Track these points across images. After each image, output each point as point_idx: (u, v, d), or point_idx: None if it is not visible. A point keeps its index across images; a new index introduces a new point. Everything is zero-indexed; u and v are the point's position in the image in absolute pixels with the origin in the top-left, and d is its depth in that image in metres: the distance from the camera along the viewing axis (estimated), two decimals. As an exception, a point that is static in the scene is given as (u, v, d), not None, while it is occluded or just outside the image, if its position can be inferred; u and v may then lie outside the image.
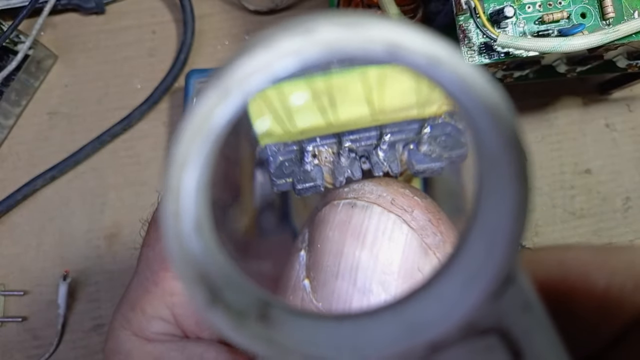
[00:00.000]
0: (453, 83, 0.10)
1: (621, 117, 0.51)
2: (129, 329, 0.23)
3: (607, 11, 0.36)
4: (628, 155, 0.51)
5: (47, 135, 0.50)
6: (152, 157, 0.50)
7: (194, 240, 0.11)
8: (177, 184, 0.10)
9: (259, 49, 0.09)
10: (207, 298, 0.11)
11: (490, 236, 0.11)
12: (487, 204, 0.11)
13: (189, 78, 0.49)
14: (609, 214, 0.49)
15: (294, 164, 0.24)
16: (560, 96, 0.51)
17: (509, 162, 0.10)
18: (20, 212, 0.49)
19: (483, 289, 0.11)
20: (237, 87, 0.10)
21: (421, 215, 0.22)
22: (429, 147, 0.25)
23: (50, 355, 0.45)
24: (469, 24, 0.37)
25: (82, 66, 0.52)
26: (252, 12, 0.52)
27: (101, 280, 0.47)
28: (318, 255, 0.21)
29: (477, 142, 0.11)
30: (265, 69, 0.10)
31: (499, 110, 0.10)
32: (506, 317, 0.12)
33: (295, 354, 0.11)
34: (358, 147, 0.25)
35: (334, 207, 0.22)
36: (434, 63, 0.10)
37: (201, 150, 0.10)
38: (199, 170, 0.10)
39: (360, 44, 0.09)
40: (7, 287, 0.47)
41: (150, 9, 0.53)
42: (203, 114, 0.10)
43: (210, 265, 0.11)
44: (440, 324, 0.11)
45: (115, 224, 0.49)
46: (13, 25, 0.46)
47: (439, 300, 0.12)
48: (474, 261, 0.11)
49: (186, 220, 0.11)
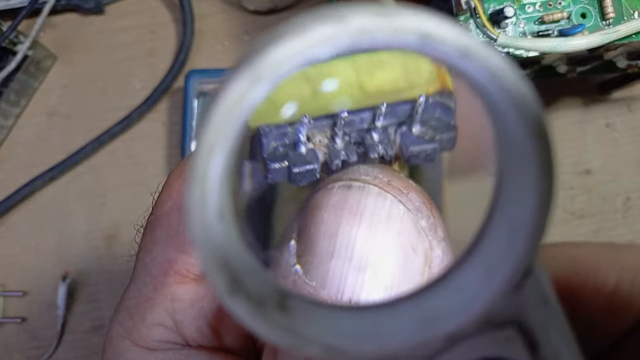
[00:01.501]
0: (482, 74, 0.10)
1: (621, 117, 0.51)
2: (129, 338, 0.22)
3: (607, 11, 0.36)
4: (628, 155, 0.50)
5: (47, 136, 0.50)
6: (152, 157, 0.50)
7: (216, 227, 0.11)
8: (204, 170, 0.10)
9: (292, 35, 0.09)
10: (229, 285, 0.11)
11: (512, 227, 0.11)
12: (509, 195, 0.11)
13: (189, 78, 0.49)
14: (609, 214, 0.49)
15: (287, 148, 0.24)
16: (560, 96, 0.51)
17: (534, 153, 0.11)
18: (20, 213, 0.49)
19: (503, 280, 0.11)
20: (269, 72, 0.10)
21: (416, 197, 0.21)
22: (421, 128, 0.25)
23: (49, 356, 0.45)
24: (469, 24, 0.37)
25: (82, 66, 0.52)
26: (252, 12, 0.52)
27: (101, 280, 0.47)
28: (311, 239, 0.21)
29: (502, 132, 0.11)
30: (298, 55, 0.10)
31: (526, 101, 0.10)
32: (524, 310, 0.12)
33: (314, 344, 0.11)
34: (351, 132, 0.24)
35: (329, 191, 0.21)
36: (464, 53, 0.10)
37: (229, 135, 0.10)
38: (226, 155, 0.10)
39: (393, 33, 0.10)
40: (6, 288, 0.47)
41: (150, 9, 0.53)
42: (233, 98, 0.10)
43: (232, 254, 0.11)
44: (459, 316, 0.12)
45: (114, 225, 0.48)
46: (12, 25, 0.45)
47: (458, 292, 0.12)
48: (495, 252, 0.11)
49: (210, 207, 0.11)
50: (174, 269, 0.22)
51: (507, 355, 0.12)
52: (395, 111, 0.24)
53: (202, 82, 0.49)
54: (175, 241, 0.22)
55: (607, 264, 0.15)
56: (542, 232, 0.11)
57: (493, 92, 0.10)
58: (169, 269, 0.22)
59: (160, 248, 0.22)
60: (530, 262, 0.11)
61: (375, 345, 0.11)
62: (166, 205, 0.22)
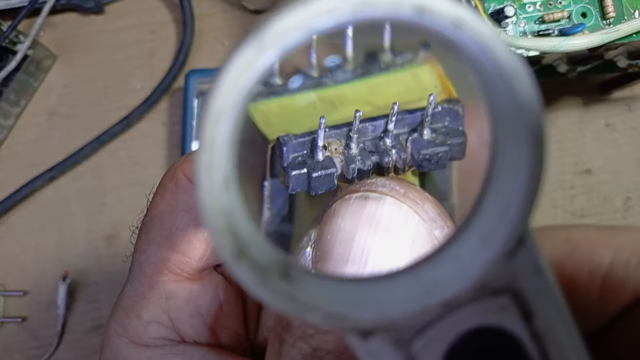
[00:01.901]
0: (474, 44, 0.11)
1: (621, 117, 0.51)
2: (125, 336, 0.22)
3: (607, 11, 0.36)
4: (628, 155, 0.50)
5: (47, 136, 0.50)
6: (152, 157, 0.50)
7: (222, 194, 0.11)
8: (212, 136, 0.11)
9: (296, 7, 0.10)
10: (234, 251, 0.11)
11: (505, 197, 0.12)
12: (503, 166, 0.12)
13: (189, 78, 0.49)
14: (609, 214, 0.49)
15: (306, 157, 0.25)
16: (560, 96, 0.51)
17: (525, 122, 0.11)
18: (20, 213, 0.49)
19: (497, 248, 0.12)
20: (274, 42, 0.10)
21: (431, 209, 0.22)
22: (432, 134, 0.25)
23: (50, 356, 0.45)
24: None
25: (82, 66, 0.52)
26: (252, 12, 0.52)
27: (101, 280, 0.47)
28: (327, 246, 0.21)
29: (494, 104, 0.11)
30: (302, 26, 0.10)
31: (516, 71, 0.11)
32: (518, 279, 0.12)
33: (316, 311, 0.11)
34: (365, 140, 0.25)
35: (346, 201, 0.22)
36: (458, 24, 0.10)
37: (236, 103, 0.11)
38: (232, 123, 0.11)
39: (390, 5, 0.10)
40: (6, 288, 0.47)
41: (150, 9, 0.53)
42: (240, 67, 0.10)
43: (237, 221, 0.11)
44: (455, 284, 0.12)
45: (114, 225, 0.48)
46: (12, 25, 0.45)
47: (454, 261, 0.12)
48: (489, 222, 0.12)
49: (217, 174, 0.11)
50: (168, 268, 0.22)
51: (502, 323, 0.12)
52: (406, 120, 0.25)
53: (202, 82, 0.49)
54: (168, 241, 0.22)
55: (602, 245, 0.15)
56: (534, 201, 0.11)
57: (484, 62, 0.11)
58: (163, 268, 0.22)
59: (154, 248, 0.22)
60: (524, 231, 0.12)
61: (375, 313, 0.12)
62: (160, 206, 0.23)
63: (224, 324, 0.23)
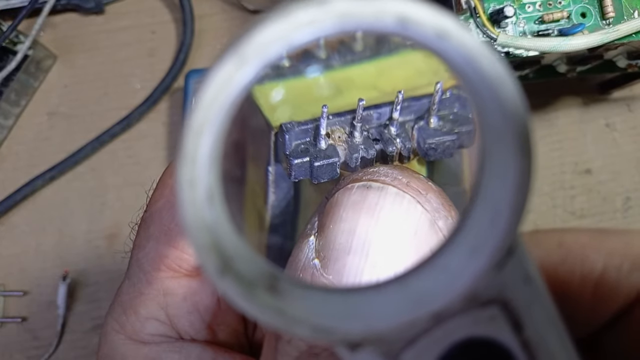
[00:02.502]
0: (460, 55, 0.10)
1: (621, 117, 0.51)
2: (123, 332, 0.22)
3: (607, 11, 0.36)
4: (628, 155, 0.50)
5: (47, 136, 0.50)
6: (152, 157, 0.50)
7: (206, 209, 0.11)
8: (193, 151, 0.10)
9: (276, 19, 0.10)
10: (219, 266, 0.11)
11: (494, 207, 0.11)
12: (491, 175, 0.12)
13: (189, 78, 0.49)
14: (609, 214, 0.49)
15: (308, 145, 0.24)
16: (560, 96, 0.51)
17: (512, 133, 0.11)
18: (20, 213, 0.49)
19: (486, 259, 0.11)
20: (254, 55, 0.10)
21: (435, 198, 0.22)
22: (439, 122, 0.25)
23: (50, 356, 0.45)
24: (469, 23, 0.37)
25: (82, 66, 0.52)
26: (252, 12, 0.52)
27: (101, 280, 0.47)
28: (330, 236, 0.21)
29: (481, 114, 0.11)
30: (282, 38, 0.10)
31: (503, 81, 0.11)
32: (507, 289, 0.12)
33: (304, 325, 0.11)
34: (370, 128, 0.25)
35: (348, 190, 0.22)
36: (442, 35, 0.10)
37: (217, 117, 0.10)
38: (214, 137, 0.11)
39: (372, 16, 0.10)
40: (6, 288, 0.47)
41: (150, 9, 0.53)
42: (220, 81, 0.10)
43: (221, 235, 0.11)
44: (444, 295, 0.12)
45: (114, 224, 0.48)
46: (12, 25, 0.46)
47: (443, 272, 0.12)
48: (478, 232, 0.12)
49: (200, 188, 0.11)
50: (166, 264, 0.22)
51: (491, 334, 0.12)
52: (412, 107, 0.25)
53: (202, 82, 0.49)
54: (167, 237, 0.22)
55: (594, 250, 0.15)
56: (523, 211, 0.11)
57: (469, 72, 0.11)
58: (161, 264, 0.22)
59: (152, 244, 0.22)
60: (513, 241, 0.12)
61: (362, 326, 0.12)
62: (159, 203, 0.23)
63: (222, 320, 0.23)
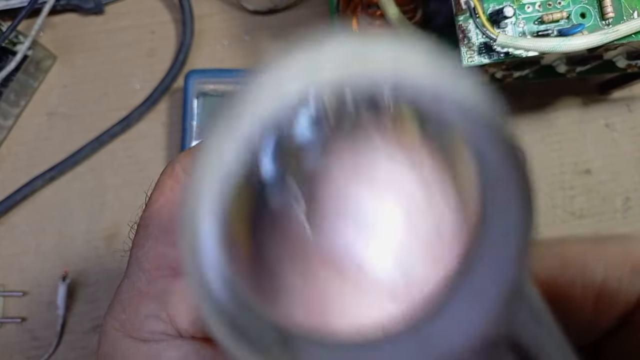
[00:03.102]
0: (456, 115, 0.10)
1: (621, 117, 0.51)
2: (122, 330, 0.22)
3: (606, 11, 0.36)
4: (628, 155, 0.50)
5: (46, 136, 0.50)
6: (151, 157, 0.50)
7: (219, 292, 0.11)
8: (193, 245, 0.10)
9: (260, 99, 0.09)
10: (232, 335, 0.11)
11: (498, 252, 0.11)
12: (494, 227, 0.12)
13: (188, 78, 0.49)
14: (609, 214, 0.49)
15: None
16: (560, 96, 0.51)
17: (512, 183, 0.11)
18: (20, 213, 0.49)
19: (494, 304, 0.11)
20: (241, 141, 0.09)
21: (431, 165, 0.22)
22: None
23: (49, 356, 0.45)
24: (468, 24, 0.37)
25: (81, 67, 0.52)
26: (252, 12, 0.52)
27: (101, 280, 0.47)
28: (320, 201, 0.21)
29: (481, 166, 0.11)
30: (267, 120, 0.09)
31: (502, 138, 0.10)
32: (517, 329, 0.12)
33: None
34: None
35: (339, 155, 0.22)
36: (438, 99, 0.10)
37: (213, 204, 0.10)
38: (216, 222, 0.10)
39: (365, 86, 0.10)
40: (6, 288, 0.47)
41: (150, 9, 0.53)
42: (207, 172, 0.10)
43: (238, 313, 0.11)
44: (454, 342, 0.12)
45: (114, 225, 0.49)
46: (12, 25, 0.46)
47: (451, 319, 0.12)
48: (483, 277, 0.12)
49: (211, 273, 0.11)
50: (165, 263, 0.22)
51: None
52: None
53: (202, 82, 0.49)
54: (167, 236, 0.22)
55: (594, 259, 0.15)
56: (526, 254, 0.11)
57: (468, 130, 0.10)
58: (160, 263, 0.22)
59: (152, 243, 0.22)
60: (521, 283, 0.11)
61: None
62: (158, 202, 0.23)
63: None
